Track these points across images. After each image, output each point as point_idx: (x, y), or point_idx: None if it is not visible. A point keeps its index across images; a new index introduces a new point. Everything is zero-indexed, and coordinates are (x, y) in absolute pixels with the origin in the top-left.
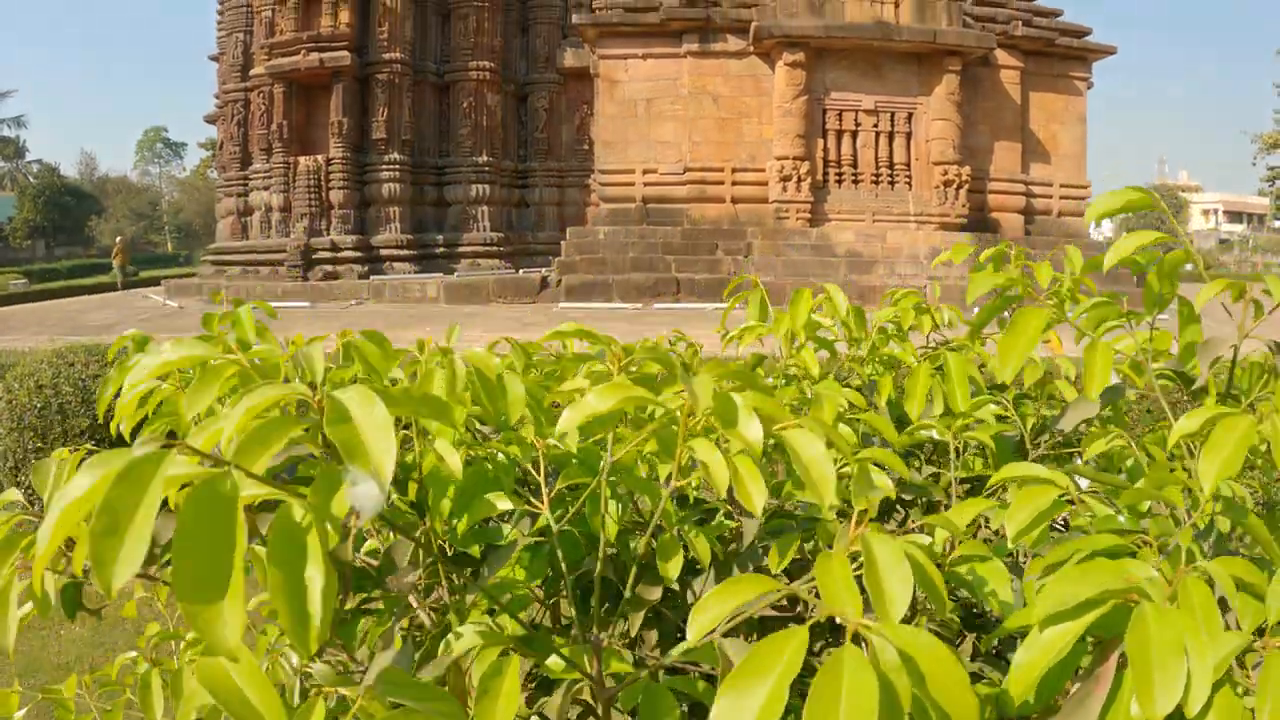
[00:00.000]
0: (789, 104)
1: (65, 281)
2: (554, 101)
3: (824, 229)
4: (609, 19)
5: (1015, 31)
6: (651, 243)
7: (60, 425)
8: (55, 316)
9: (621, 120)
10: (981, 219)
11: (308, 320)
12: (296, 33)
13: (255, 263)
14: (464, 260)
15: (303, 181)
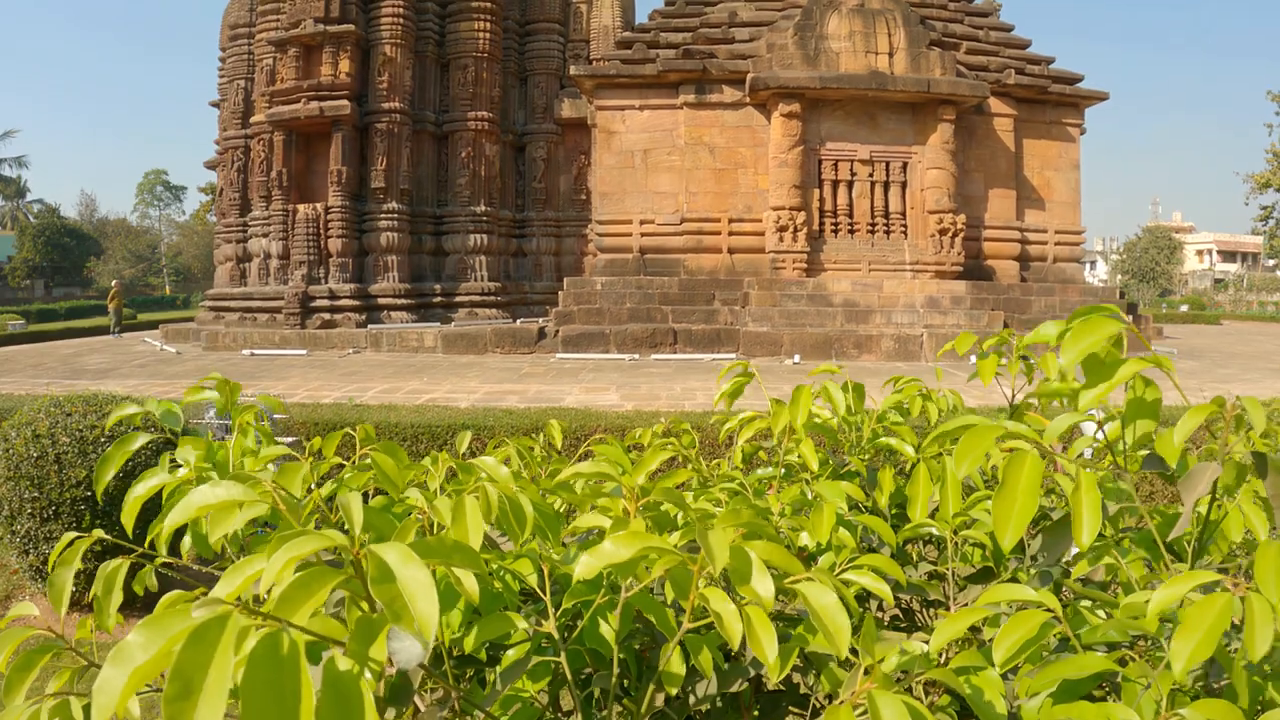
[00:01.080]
0: (785, 154)
1: (64, 323)
2: (552, 151)
3: (820, 279)
4: (606, 70)
5: (1008, 80)
6: (649, 293)
7: (57, 476)
8: (52, 359)
9: (619, 171)
10: (977, 266)
11: (304, 369)
12: (297, 81)
13: (253, 309)
14: (461, 310)
15: (301, 229)
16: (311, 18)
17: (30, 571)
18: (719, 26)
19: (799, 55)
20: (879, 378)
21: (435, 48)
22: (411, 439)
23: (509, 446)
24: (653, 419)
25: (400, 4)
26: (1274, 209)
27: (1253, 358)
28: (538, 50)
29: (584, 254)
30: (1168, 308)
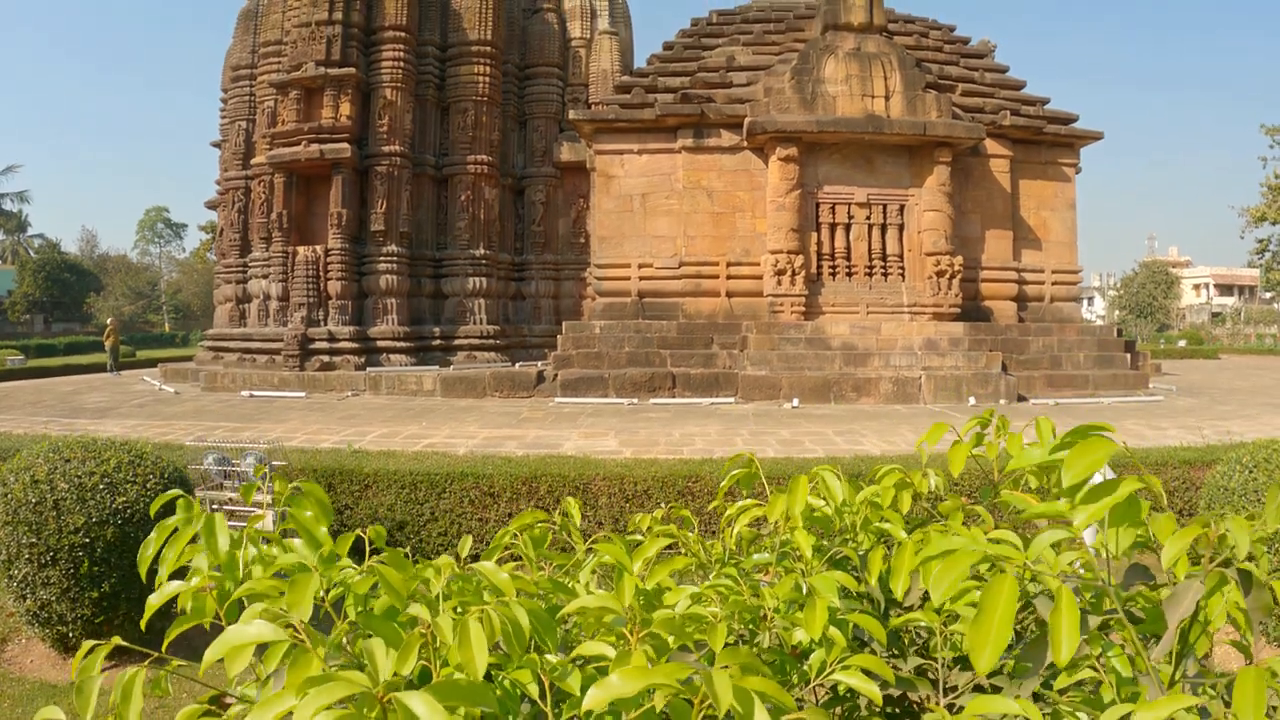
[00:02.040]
0: (782, 198)
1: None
2: (550, 195)
3: (818, 322)
4: (605, 115)
5: (1004, 121)
6: (647, 337)
7: (55, 522)
8: (51, 397)
9: (617, 215)
10: (975, 308)
11: (303, 411)
12: (298, 123)
13: (252, 350)
14: (460, 353)
15: (301, 271)
16: (313, 60)
17: (27, 615)
18: (717, 71)
19: (796, 99)
20: (877, 420)
21: (435, 91)
22: (410, 486)
23: (515, 526)
24: (650, 466)
25: (401, 48)
26: (1270, 242)
27: (1251, 393)
28: (537, 94)
29: (583, 297)
30: (1165, 343)
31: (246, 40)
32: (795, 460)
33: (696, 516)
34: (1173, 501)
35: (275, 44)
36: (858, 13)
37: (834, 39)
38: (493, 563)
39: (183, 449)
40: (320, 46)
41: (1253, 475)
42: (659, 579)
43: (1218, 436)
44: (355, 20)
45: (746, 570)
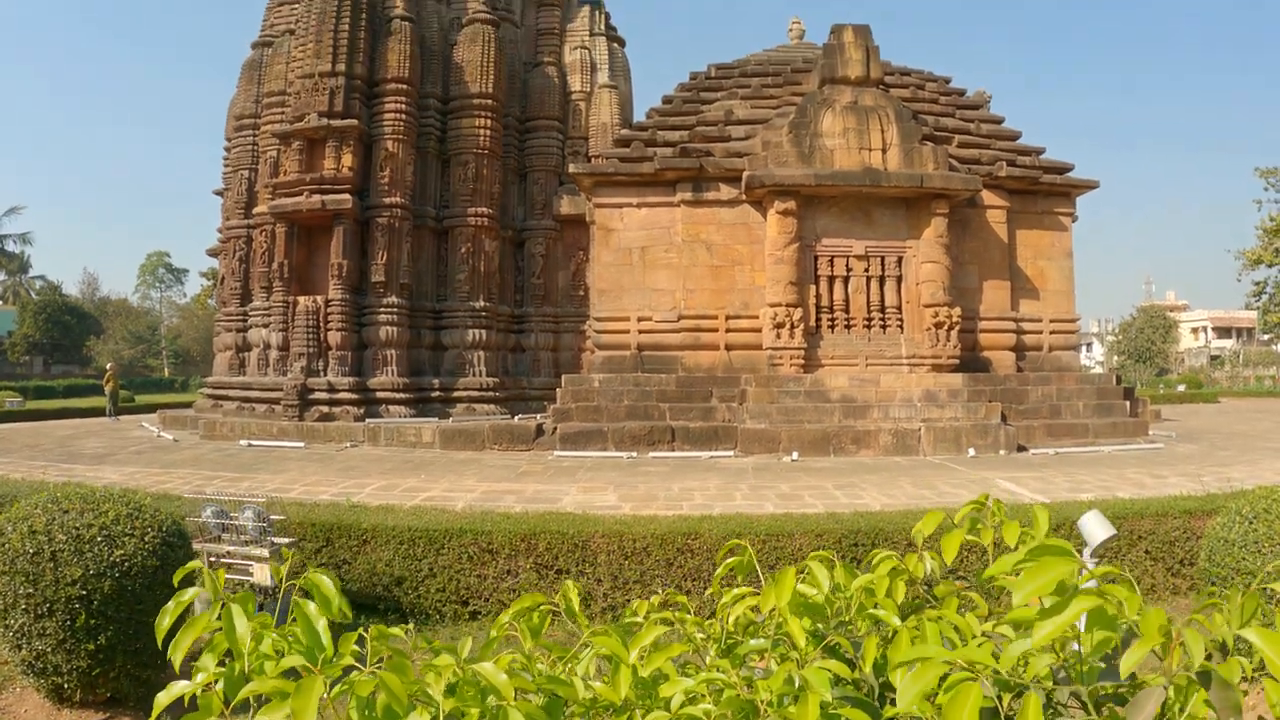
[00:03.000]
0: (781, 251)
1: (61, 401)
2: (550, 247)
3: (818, 375)
4: (604, 169)
5: (1000, 172)
6: (646, 390)
7: (52, 573)
8: (48, 441)
9: (617, 268)
10: (973, 358)
11: (302, 462)
12: (300, 174)
13: (252, 399)
14: (460, 405)
15: (301, 321)
16: (315, 111)
17: (22, 665)
18: (715, 124)
19: (794, 153)
20: (877, 474)
21: (436, 143)
22: (408, 542)
23: (514, 610)
24: (650, 523)
25: (403, 100)
26: (1266, 284)
27: (1252, 437)
28: (537, 147)
29: (582, 350)
30: (1165, 387)
31: (250, 90)
32: (794, 516)
33: (694, 577)
34: (1174, 551)
35: (278, 94)
36: (854, 66)
37: (831, 92)
38: (491, 664)
39: (180, 500)
40: (323, 98)
41: (1253, 526)
42: (657, 665)
43: (1218, 484)
44: (358, 72)
45: (741, 657)
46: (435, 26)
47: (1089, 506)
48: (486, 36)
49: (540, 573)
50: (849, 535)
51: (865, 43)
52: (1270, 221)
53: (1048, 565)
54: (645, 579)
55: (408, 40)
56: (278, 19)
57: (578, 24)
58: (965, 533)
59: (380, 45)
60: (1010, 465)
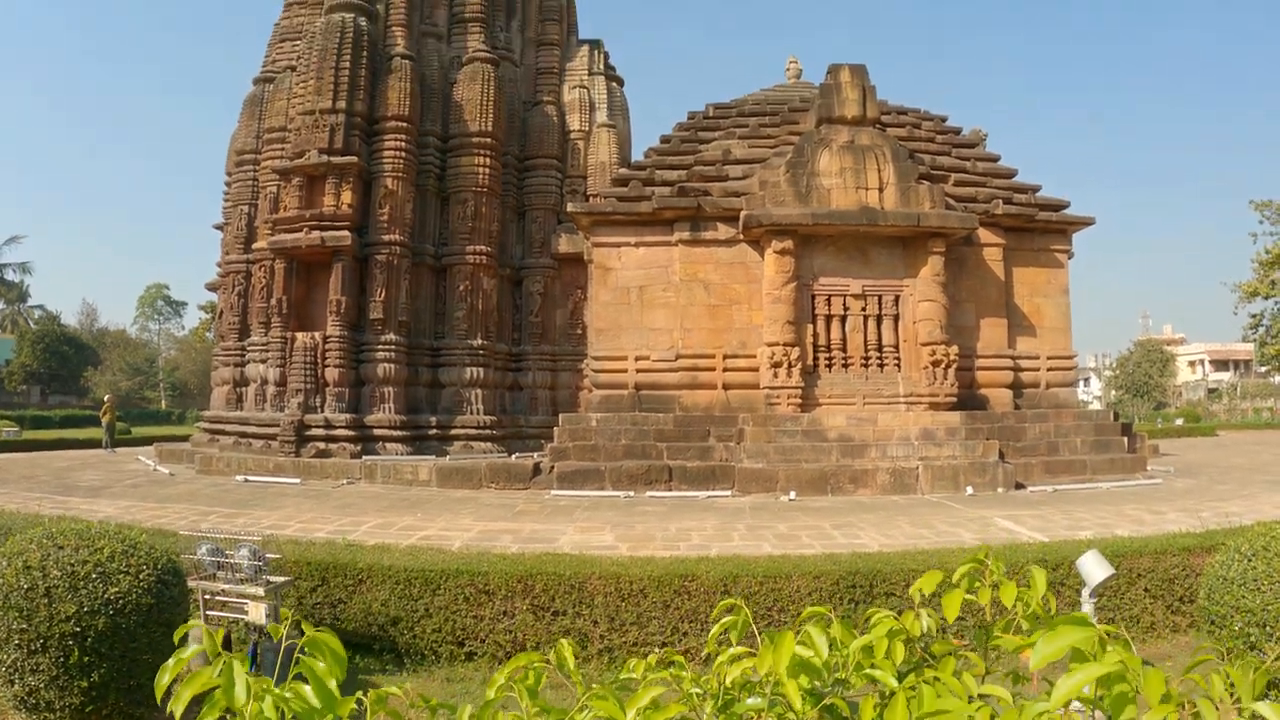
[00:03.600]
0: (778, 291)
1: (57, 432)
2: (548, 286)
3: (815, 414)
4: (602, 208)
5: (996, 210)
6: (644, 429)
7: (46, 609)
8: (44, 472)
9: (615, 307)
10: (971, 396)
11: (298, 499)
12: (300, 210)
13: (249, 435)
14: (457, 442)
15: (299, 357)
16: (316, 148)
17: (14, 700)
18: (713, 164)
19: (791, 192)
20: (875, 513)
21: (436, 181)
22: (404, 583)
23: (509, 670)
24: (647, 565)
25: (402, 138)
26: (1263, 317)
27: (1250, 470)
28: (536, 185)
29: (579, 388)
30: (1163, 421)
31: (251, 126)
32: (792, 558)
33: (691, 619)
34: (1173, 589)
35: (279, 130)
36: (851, 106)
37: (828, 132)
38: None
39: (176, 537)
40: (323, 135)
41: (1251, 564)
42: None
43: (1216, 519)
44: (358, 109)
45: (739, 716)
46: (435, 65)
47: (1087, 545)
48: (486, 75)
49: (537, 614)
50: (847, 577)
51: (861, 82)
52: (1266, 254)
53: (1063, 633)
54: (642, 620)
55: (408, 78)
56: (280, 55)
57: (577, 63)
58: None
59: (381, 83)
60: (1008, 503)
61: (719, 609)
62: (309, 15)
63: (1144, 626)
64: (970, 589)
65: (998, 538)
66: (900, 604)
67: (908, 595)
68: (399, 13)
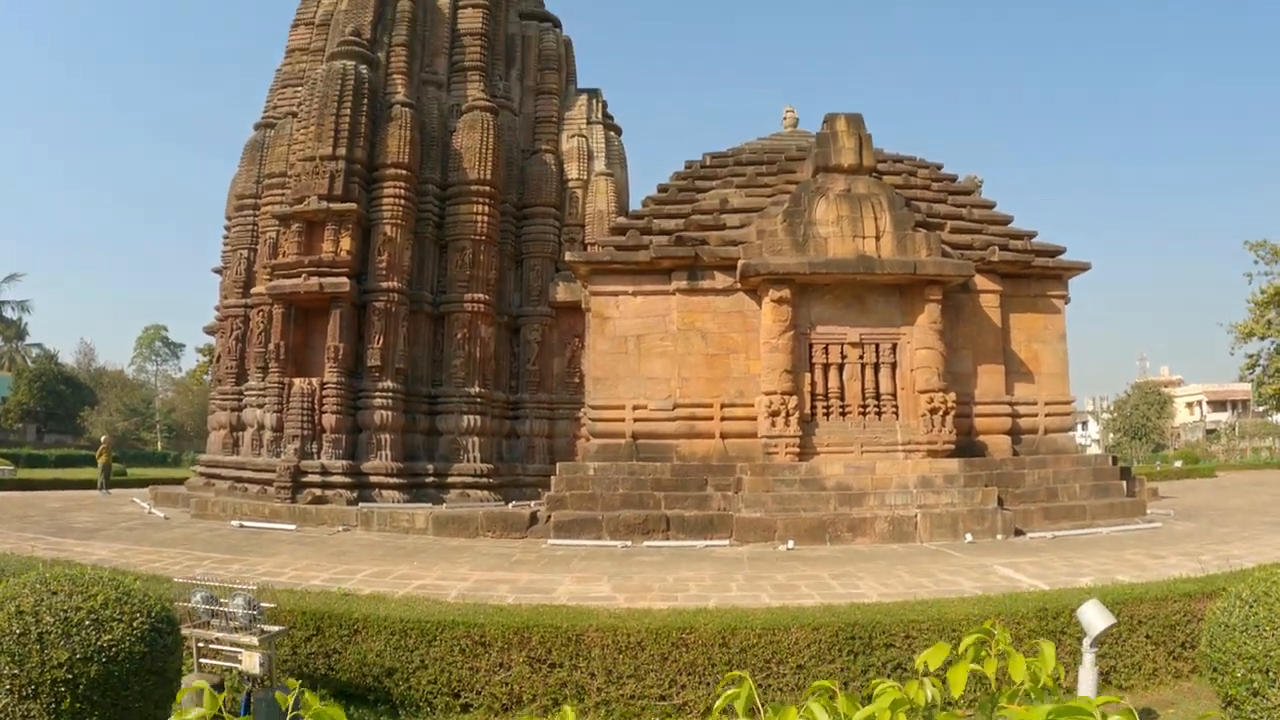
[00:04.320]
0: (776, 340)
1: (53, 471)
2: (546, 334)
3: (813, 462)
4: (600, 257)
5: (992, 257)
6: (641, 479)
7: (39, 655)
8: (39, 513)
9: (612, 356)
10: (969, 443)
11: (293, 545)
12: (299, 255)
13: (245, 480)
14: (454, 490)
15: (296, 403)
16: (315, 194)
17: None
18: (710, 213)
19: (788, 241)
20: (873, 562)
21: (434, 229)
22: (400, 633)
23: None
24: (644, 617)
25: (402, 185)
26: (1259, 357)
27: (1250, 512)
28: (534, 234)
29: (577, 437)
30: (1161, 464)
31: (251, 171)
32: (790, 610)
33: (689, 671)
34: (1175, 635)
35: (279, 176)
36: (847, 155)
37: (825, 181)
38: None
39: (170, 583)
40: (323, 181)
41: (1253, 610)
42: None
43: (1217, 563)
44: (358, 156)
45: None
46: (435, 113)
47: (1088, 592)
48: (485, 124)
49: (534, 666)
50: (845, 628)
51: (858, 131)
52: (1261, 294)
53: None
54: (640, 673)
55: (408, 126)
56: (281, 101)
57: (575, 112)
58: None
59: (381, 130)
60: (1008, 550)
61: (720, 685)
62: (311, 62)
63: (1146, 673)
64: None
65: (998, 586)
66: (900, 655)
67: (907, 650)
68: (400, 61)
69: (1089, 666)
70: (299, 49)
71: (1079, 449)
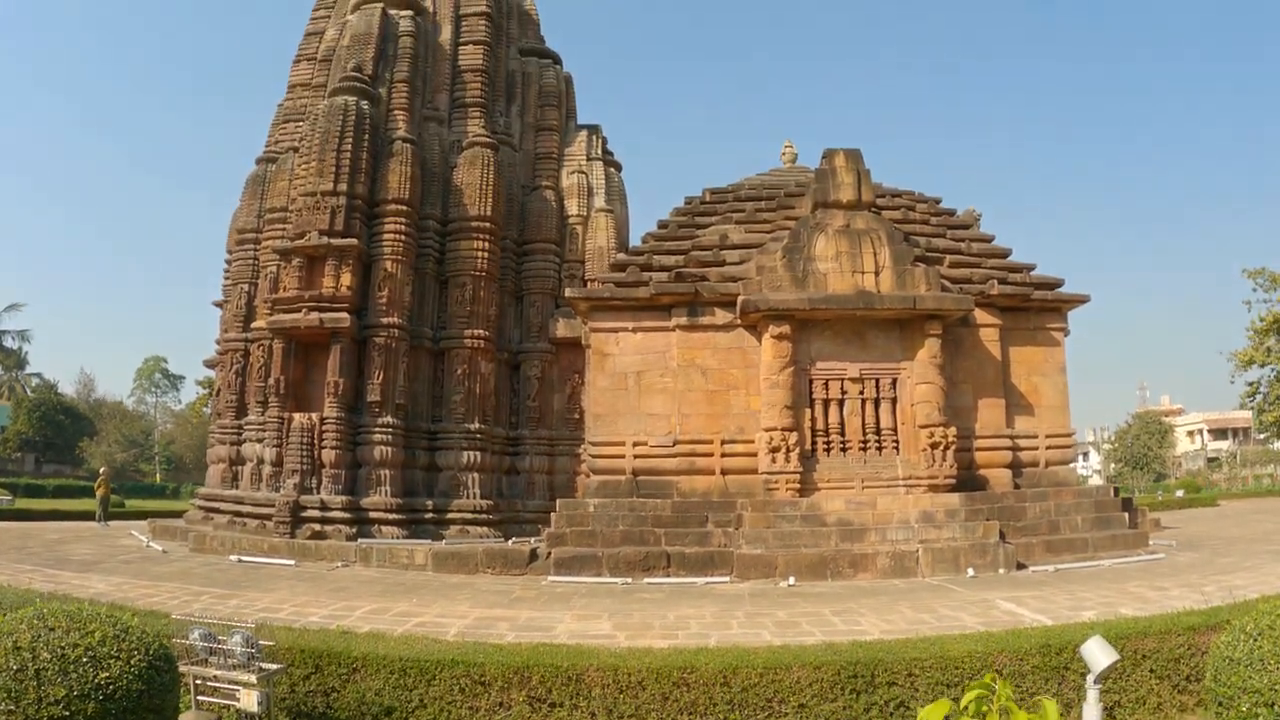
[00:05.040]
0: (776, 375)
1: (51, 502)
2: (546, 370)
3: (814, 498)
4: (600, 293)
5: (992, 290)
6: (641, 515)
7: (35, 691)
8: (37, 544)
9: (612, 393)
10: (970, 477)
11: (292, 581)
12: (299, 290)
13: (244, 514)
14: (453, 526)
15: (296, 438)
16: (316, 229)
17: None
18: (710, 249)
19: (788, 277)
20: (875, 598)
21: (435, 265)
22: (399, 672)
23: None
24: (645, 656)
25: (402, 221)
26: (1260, 384)
27: (1253, 541)
28: (534, 270)
29: (577, 473)
30: (1163, 493)
31: (253, 205)
32: (791, 648)
33: (690, 711)
34: (1179, 668)
35: (281, 210)
36: (846, 190)
37: (824, 216)
38: None
39: (168, 620)
40: (324, 216)
41: (1258, 644)
42: None
43: (1221, 594)
44: (359, 192)
45: None
46: (436, 149)
47: (1091, 627)
48: (486, 160)
49: (534, 705)
50: (847, 667)
51: (856, 167)
52: (1260, 321)
53: None
54: (641, 712)
55: (409, 162)
56: (282, 135)
57: (575, 148)
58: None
59: (382, 166)
60: (1010, 584)
61: None
62: (313, 97)
63: (1150, 707)
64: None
65: (1000, 621)
66: (902, 693)
67: (910, 688)
68: (401, 96)
69: (1093, 703)
70: (301, 84)
71: (1080, 480)
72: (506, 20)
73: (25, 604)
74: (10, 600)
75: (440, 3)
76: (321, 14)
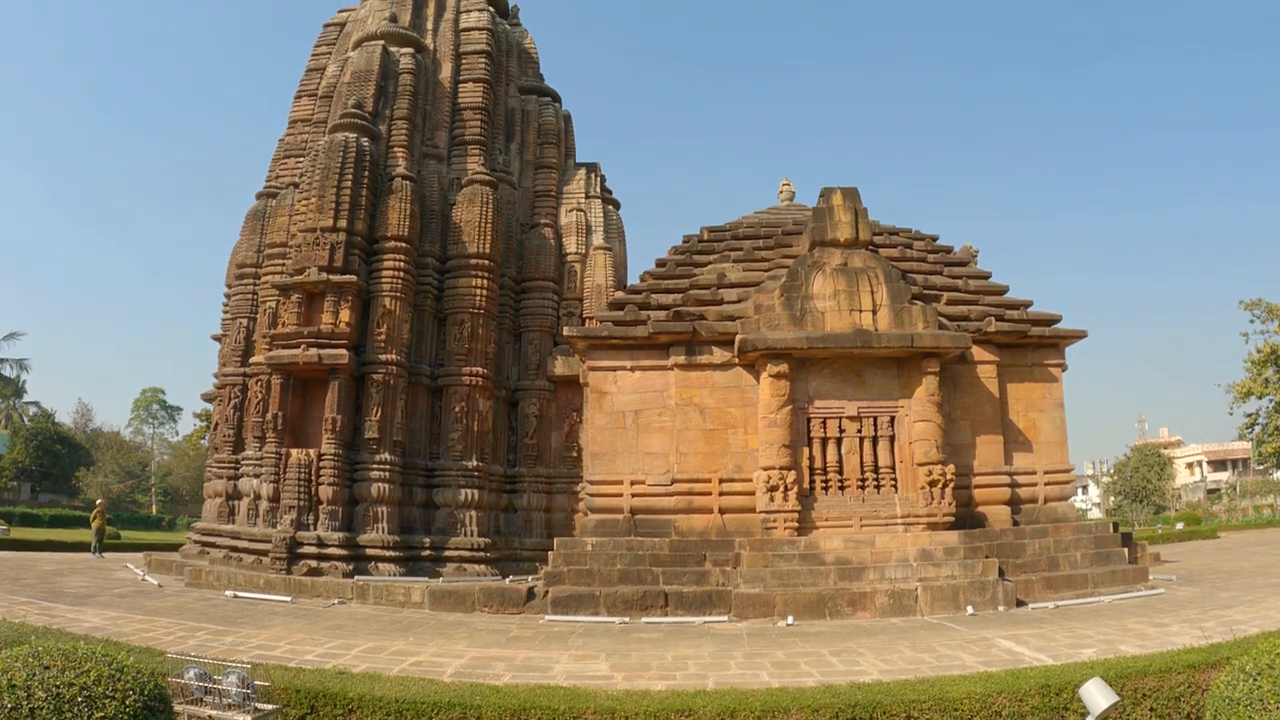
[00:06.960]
0: (774, 414)
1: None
2: (544, 408)
3: (812, 537)
4: (598, 332)
5: (989, 327)
6: (639, 554)
7: None
8: (31, 575)
9: (610, 431)
10: (969, 514)
11: (288, 618)
12: (298, 326)
13: (240, 549)
14: (450, 564)
15: (293, 474)
16: (316, 266)
17: None
18: (708, 288)
19: (786, 316)
20: (874, 637)
21: (433, 302)
22: (396, 714)
23: None
24: (642, 699)
25: (401, 258)
26: (1258, 415)
27: (1254, 574)
28: (533, 307)
29: (575, 511)
30: (1163, 526)
31: (253, 240)
32: (790, 690)
33: None
34: (1180, 706)
35: (280, 246)
36: (844, 229)
37: (821, 255)
38: None
39: (163, 656)
40: (324, 252)
41: (1257, 683)
42: None
43: (1221, 630)
44: (359, 229)
45: None
46: (435, 186)
47: (1091, 667)
48: (484, 198)
49: None
50: (846, 710)
51: (854, 205)
52: (1257, 352)
53: None
54: None
55: (408, 199)
56: (283, 171)
57: (574, 186)
58: None
59: (382, 203)
60: (1009, 622)
61: None
62: (313, 133)
63: None
64: None
65: (1000, 660)
66: None
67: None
68: (401, 134)
69: None
70: (302, 120)
71: (1079, 515)
72: (506, 58)
73: (20, 639)
74: (5, 635)
75: (441, 41)
76: (323, 50)
